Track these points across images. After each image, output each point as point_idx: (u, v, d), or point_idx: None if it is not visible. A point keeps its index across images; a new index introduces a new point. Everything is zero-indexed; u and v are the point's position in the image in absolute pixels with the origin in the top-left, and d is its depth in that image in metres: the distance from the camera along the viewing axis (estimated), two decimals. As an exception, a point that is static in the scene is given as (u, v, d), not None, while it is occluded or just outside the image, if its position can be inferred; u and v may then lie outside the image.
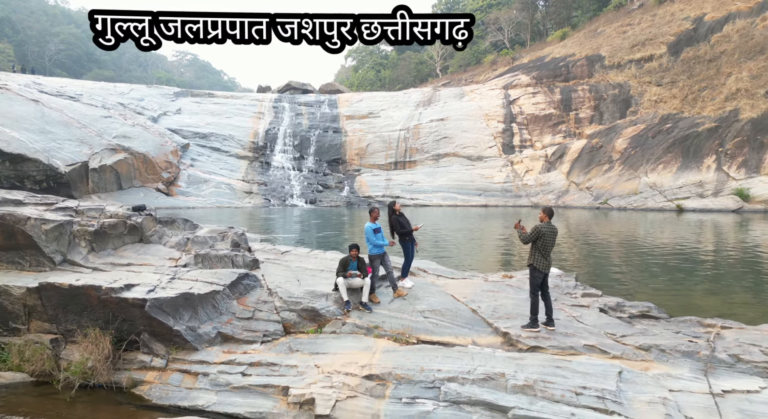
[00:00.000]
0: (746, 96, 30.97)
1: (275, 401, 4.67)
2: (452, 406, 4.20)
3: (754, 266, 11.97)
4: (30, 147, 31.84)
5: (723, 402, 3.94)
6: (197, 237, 7.04)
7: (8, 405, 4.89)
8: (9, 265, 6.31)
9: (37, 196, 7.33)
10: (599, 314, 5.93)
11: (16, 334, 5.77)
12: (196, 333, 5.42)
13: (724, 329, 5.33)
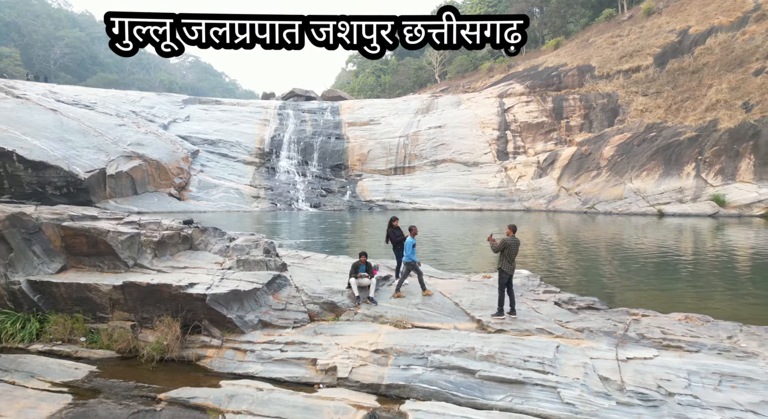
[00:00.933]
0: (725, 107, 32.62)
1: (306, 369, 6.29)
2: (436, 370, 5.82)
3: (711, 266, 13.61)
4: (51, 154, 33.44)
5: (625, 365, 5.57)
6: (236, 245, 8.65)
7: (107, 373, 6.50)
8: (91, 268, 7.94)
9: (106, 211, 8.96)
10: (553, 306, 7.56)
11: (103, 322, 7.40)
12: (243, 320, 7.04)
13: (644, 317, 6.96)
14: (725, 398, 5.00)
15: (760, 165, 28.42)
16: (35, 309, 7.53)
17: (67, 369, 6.52)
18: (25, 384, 6.13)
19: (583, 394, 5.21)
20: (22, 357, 6.79)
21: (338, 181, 42.84)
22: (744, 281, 11.95)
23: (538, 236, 22.57)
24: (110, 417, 5.43)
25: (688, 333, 6.23)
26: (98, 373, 6.47)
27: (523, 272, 9.38)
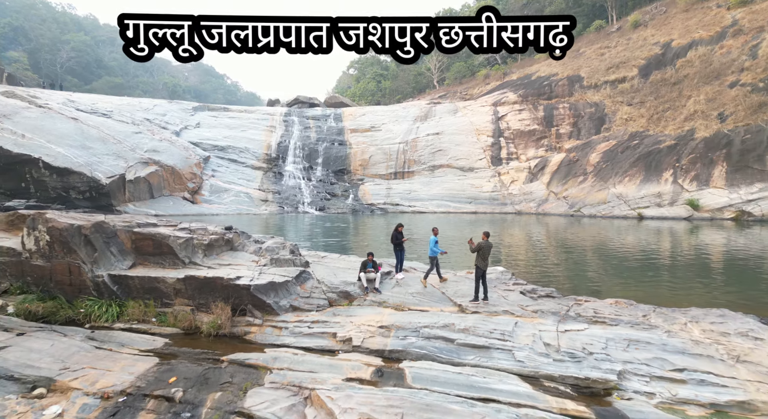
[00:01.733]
0: (702, 117, 34.64)
1: (328, 340, 8.26)
2: (425, 339, 7.80)
3: (671, 263, 15.59)
4: (74, 161, 35.48)
5: (562, 335, 7.56)
6: (267, 246, 10.62)
7: (178, 344, 8.47)
8: (155, 265, 9.92)
9: (163, 218, 10.93)
10: (519, 295, 9.55)
11: (168, 306, 9.37)
12: (278, 305, 9.03)
13: (586, 302, 8.95)
14: (629, 355, 6.99)
15: (731, 172, 30.43)
16: (114, 297, 9.50)
17: (147, 340, 8.50)
18: (119, 351, 8.11)
19: (530, 354, 7.19)
20: (111, 333, 8.77)
21: (341, 185, 44.86)
22: (694, 275, 13.93)
23: (523, 237, 24.56)
24: (189, 371, 7.41)
25: (613, 313, 8.22)
26: (171, 344, 8.45)
27: (499, 268, 11.38)
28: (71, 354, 7.87)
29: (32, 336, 8.37)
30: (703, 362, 6.76)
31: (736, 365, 6.65)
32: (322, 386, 6.85)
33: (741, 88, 34.16)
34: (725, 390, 6.25)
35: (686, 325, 7.67)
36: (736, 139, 31.28)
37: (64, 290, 9.54)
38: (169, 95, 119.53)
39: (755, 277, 13.63)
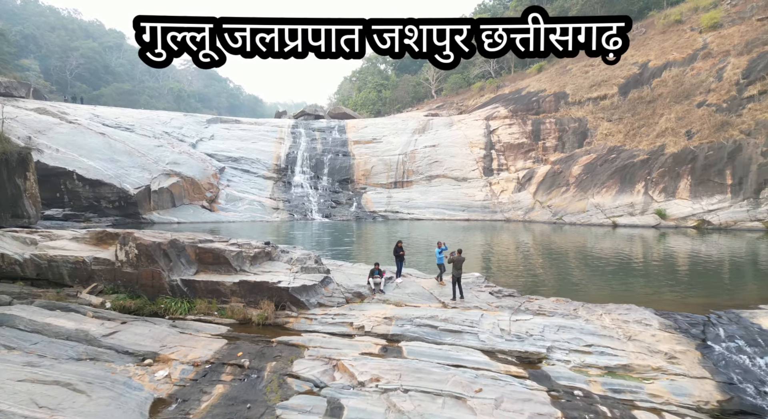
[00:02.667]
0: (672, 134, 37.57)
1: (347, 328, 11.16)
2: (417, 326, 10.71)
3: (624, 266, 18.51)
4: (105, 174, 38.40)
5: (513, 323, 10.48)
6: (298, 257, 13.53)
7: (237, 330, 11.36)
8: (213, 272, 12.82)
9: (217, 236, 13.84)
10: (488, 294, 12.47)
11: (226, 303, 12.27)
12: (309, 302, 11.94)
13: (536, 300, 11.86)
14: (557, 336, 9.90)
15: (695, 184, 33.36)
16: (184, 296, 12.40)
17: (214, 327, 11.41)
18: (197, 335, 11.02)
19: (489, 336, 10.11)
20: (186, 322, 11.67)
21: (346, 194, 47.79)
22: (637, 277, 16.84)
23: (505, 244, 27.48)
24: (250, 349, 10.31)
25: (552, 307, 11.15)
26: (232, 330, 11.36)
27: (475, 274, 14.30)
28: (164, 337, 10.79)
29: (133, 324, 11.29)
30: (605, 340, 9.69)
31: (627, 342, 9.58)
32: (344, 358, 9.75)
33: (707, 108, 37.11)
34: (616, 358, 9.17)
35: (601, 316, 10.59)
36: (700, 154, 34.22)
37: (147, 291, 12.45)
38: (174, 100, 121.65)
39: (682, 278, 16.54)
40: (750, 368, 8.65)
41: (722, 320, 10.22)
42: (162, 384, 9.34)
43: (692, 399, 8.03)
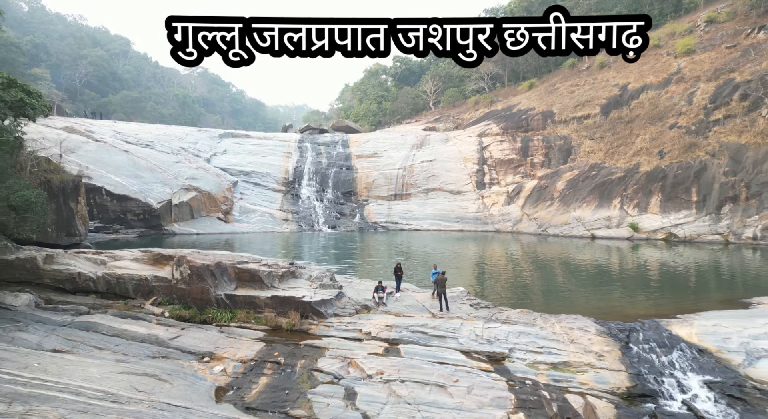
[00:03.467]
0: (646, 153, 40.44)
1: (357, 333, 14.02)
2: (412, 333, 13.58)
3: (586, 278, 21.36)
4: (131, 189, 41.27)
5: (486, 330, 13.35)
6: (316, 276, 16.37)
7: (271, 335, 14.21)
8: (249, 287, 15.68)
9: (255, 257, 16.71)
10: (468, 307, 15.34)
11: (260, 313, 15.14)
12: (327, 312, 14.81)
13: (505, 311, 14.74)
14: (518, 340, 12.77)
15: (664, 201, 36.23)
16: (227, 307, 15.26)
17: (253, 333, 14.26)
18: (240, 338, 13.87)
19: (467, 340, 12.97)
20: (230, 328, 14.52)
21: (349, 206, 50.67)
22: (598, 287, 19.68)
23: (490, 257, 30.32)
24: (284, 349, 13.16)
25: (517, 317, 14.03)
26: (267, 335, 14.20)
27: (460, 288, 17.17)
28: (216, 340, 13.66)
29: (190, 330, 14.16)
30: (553, 343, 12.56)
31: (569, 344, 12.45)
32: (356, 357, 12.60)
33: (678, 130, 40.00)
34: (559, 357, 12.03)
35: (553, 324, 13.46)
36: (670, 173, 37.09)
37: (197, 303, 15.31)
38: (179, 105, 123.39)
39: (630, 290, 19.37)
40: (655, 364, 11.53)
41: (644, 327, 13.09)
42: (219, 376, 12.20)
43: (609, 386, 10.90)
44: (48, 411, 9.87)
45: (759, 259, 27.28)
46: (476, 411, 10.31)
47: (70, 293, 16.59)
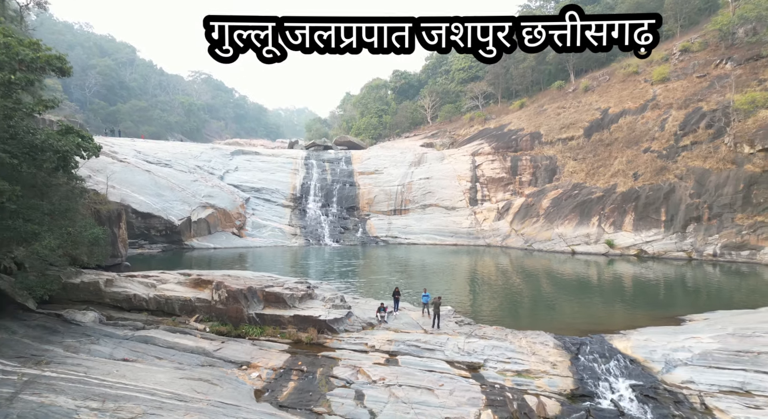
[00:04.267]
0: (622, 175, 43.50)
1: (364, 346, 17.00)
2: (408, 346, 16.57)
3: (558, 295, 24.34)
4: (154, 207, 44.27)
5: (467, 344, 16.37)
6: (329, 297, 19.37)
7: (294, 347, 17.20)
8: (274, 307, 18.70)
9: (277, 278, 19.75)
10: (454, 324, 18.37)
11: (284, 328, 18.15)
12: (339, 328, 17.83)
13: (483, 328, 17.75)
14: (491, 352, 15.78)
15: (637, 220, 39.27)
16: (257, 324, 18.26)
17: (279, 345, 17.25)
18: (269, 350, 16.86)
19: (451, 352, 15.97)
20: (260, 342, 17.51)
21: (352, 220, 53.67)
22: (563, 305, 22.66)
23: (478, 272, 33.30)
24: (306, 359, 16.15)
25: (492, 333, 17.05)
26: (291, 347, 17.19)
27: (448, 307, 20.18)
28: (251, 351, 16.67)
29: (228, 343, 17.17)
30: (519, 355, 15.58)
31: (531, 356, 15.47)
32: (363, 366, 15.60)
33: (651, 154, 43.09)
34: (522, 366, 15.04)
35: (520, 339, 16.48)
36: (642, 194, 40.14)
37: (232, 320, 18.31)
38: (185, 113, 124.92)
39: (591, 306, 22.36)
40: (595, 371, 14.54)
41: (592, 341, 16.11)
42: (256, 381, 15.22)
43: (558, 389, 13.91)
44: (132, 407, 12.92)
45: (715, 275, 30.32)
46: (456, 408, 13.32)
47: (126, 310, 19.62)
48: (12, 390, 13.42)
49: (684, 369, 14.04)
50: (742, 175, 35.68)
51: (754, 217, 33.98)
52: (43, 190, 18.55)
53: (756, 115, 37.56)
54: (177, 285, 19.82)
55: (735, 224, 34.69)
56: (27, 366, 14.82)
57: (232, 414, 12.99)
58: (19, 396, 13.18)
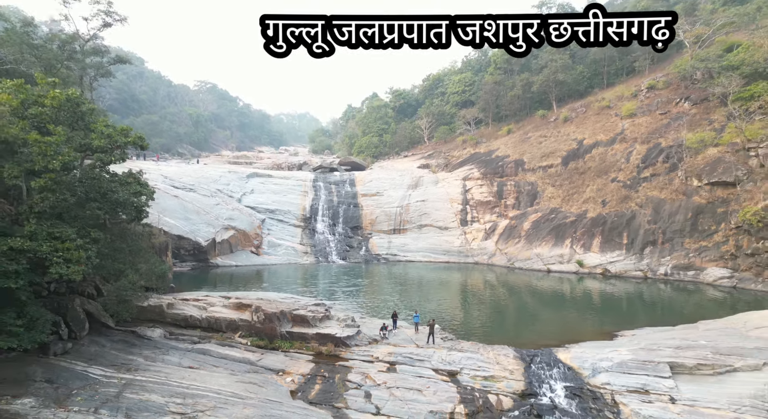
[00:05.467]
0: (592, 202, 48.09)
1: (370, 358, 21.49)
2: (404, 357, 21.10)
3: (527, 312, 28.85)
4: (183, 229, 48.80)
5: (448, 356, 20.87)
6: (343, 318, 23.87)
7: (316, 357, 21.69)
8: (301, 327, 23.22)
9: (300, 300, 24.34)
10: (440, 340, 22.89)
11: (308, 343, 22.66)
12: (351, 343, 22.34)
13: (463, 342, 22.28)
14: (466, 362, 20.29)
15: (603, 242, 43.83)
16: (287, 339, 22.77)
17: (305, 355, 21.72)
18: (298, 360, 21.36)
19: (436, 362, 20.46)
20: (291, 354, 21.97)
21: (356, 239, 58.20)
22: (526, 321, 27.14)
23: (465, 290, 37.79)
24: (327, 367, 20.64)
25: (468, 347, 21.60)
26: (314, 358, 21.64)
27: (437, 326, 24.73)
28: (284, 361, 21.18)
29: (267, 354, 21.68)
30: (487, 364, 20.11)
31: (496, 365, 20.00)
32: (370, 372, 20.11)
33: (617, 183, 47.74)
34: (488, 372, 19.56)
35: (489, 352, 21.00)
36: (608, 219, 44.73)
37: (267, 336, 22.81)
38: (193, 124, 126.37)
39: (550, 323, 26.81)
40: (541, 376, 19.07)
41: (542, 353, 20.63)
42: (290, 384, 19.74)
43: (512, 389, 18.45)
44: (206, 402, 17.47)
45: (663, 292, 34.84)
46: (438, 404, 17.84)
47: (183, 328, 24.15)
48: (116, 390, 18.02)
49: (605, 374, 18.58)
50: (690, 205, 40.31)
51: (699, 242, 38.57)
52: (122, 235, 23.22)
53: (704, 152, 42.28)
54: (222, 308, 24.40)
55: (684, 248, 39.26)
56: (121, 372, 19.42)
57: (277, 409, 17.53)
58: (122, 395, 17.78)
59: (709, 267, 36.90)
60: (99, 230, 21.02)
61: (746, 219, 34.22)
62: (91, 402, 17.16)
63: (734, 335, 19.96)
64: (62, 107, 18.92)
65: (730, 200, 38.02)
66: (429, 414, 17.19)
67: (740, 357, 17.81)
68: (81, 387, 18.03)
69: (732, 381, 17.02)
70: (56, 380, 18.26)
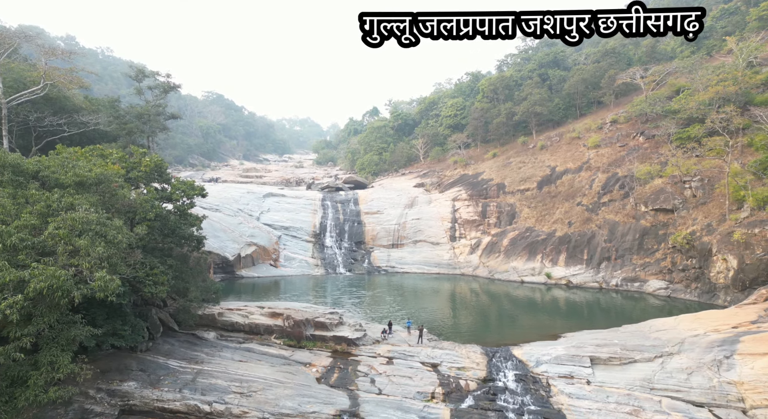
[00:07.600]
0: (561, 223, 53.94)
1: (374, 354, 27.29)
2: (399, 354, 26.90)
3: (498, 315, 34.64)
4: (213, 246, 54.51)
5: (432, 352, 26.69)
6: (352, 323, 29.62)
7: (332, 354, 27.51)
8: (321, 331, 29.02)
9: (318, 309, 30.18)
10: (426, 340, 28.73)
11: (327, 343, 28.42)
12: (359, 343, 28.10)
13: (445, 342, 28.08)
14: (445, 357, 26.04)
15: (568, 258, 49.64)
16: (311, 340, 28.51)
17: (326, 353, 27.46)
18: (320, 356, 27.12)
19: (423, 357, 26.20)
20: (315, 350, 27.63)
21: (360, 253, 63.96)
22: (494, 323, 32.90)
23: (451, 298, 43.58)
24: (342, 360, 26.40)
25: (447, 345, 27.40)
26: (332, 354, 27.33)
27: (425, 330, 30.52)
28: (310, 357, 26.94)
29: (297, 351, 27.44)
30: (460, 358, 25.87)
31: (467, 359, 25.84)
32: (374, 365, 25.88)
33: (581, 207, 53.65)
34: (461, 364, 25.27)
35: (462, 349, 26.79)
36: (573, 238, 50.56)
37: (296, 338, 28.55)
38: (203, 135, 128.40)
39: (518, 324, 32.56)
40: (499, 367, 24.87)
41: (502, 350, 26.43)
42: (315, 373, 25.52)
43: (477, 377, 24.25)
44: (257, 385, 23.27)
45: (612, 300, 40.63)
46: (423, 387, 23.62)
47: (229, 331, 29.91)
48: (191, 377, 23.83)
49: (545, 365, 24.38)
50: (638, 227, 46.22)
51: (644, 259, 44.41)
52: (185, 260, 29.12)
53: (651, 183, 48.28)
54: (260, 316, 30.22)
55: (632, 263, 45.08)
56: (191, 364, 25.23)
57: (307, 390, 23.33)
58: (196, 380, 23.59)
59: (651, 279, 42.72)
60: (171, 258, 26.97)
61: (677, 241, 40.12)
62: (175, 384, 22.96)
63: (640, 336, 25.78)
64: (152, 171, 24.91)
65: (669, 224, 43.94)
66: (417, 393, 22.98)
67: (639, 352, 23.65)
68: (165, 375, 23.84)
69: (631, 369, 22.84)
70: (147, 369, 24.07)
